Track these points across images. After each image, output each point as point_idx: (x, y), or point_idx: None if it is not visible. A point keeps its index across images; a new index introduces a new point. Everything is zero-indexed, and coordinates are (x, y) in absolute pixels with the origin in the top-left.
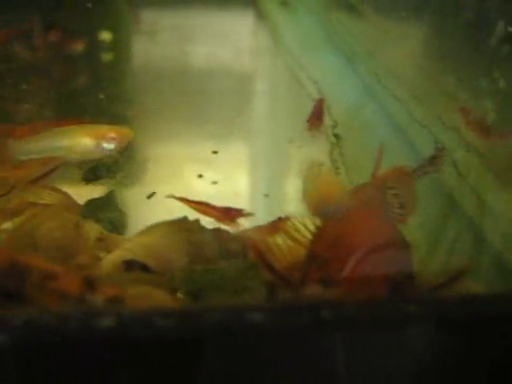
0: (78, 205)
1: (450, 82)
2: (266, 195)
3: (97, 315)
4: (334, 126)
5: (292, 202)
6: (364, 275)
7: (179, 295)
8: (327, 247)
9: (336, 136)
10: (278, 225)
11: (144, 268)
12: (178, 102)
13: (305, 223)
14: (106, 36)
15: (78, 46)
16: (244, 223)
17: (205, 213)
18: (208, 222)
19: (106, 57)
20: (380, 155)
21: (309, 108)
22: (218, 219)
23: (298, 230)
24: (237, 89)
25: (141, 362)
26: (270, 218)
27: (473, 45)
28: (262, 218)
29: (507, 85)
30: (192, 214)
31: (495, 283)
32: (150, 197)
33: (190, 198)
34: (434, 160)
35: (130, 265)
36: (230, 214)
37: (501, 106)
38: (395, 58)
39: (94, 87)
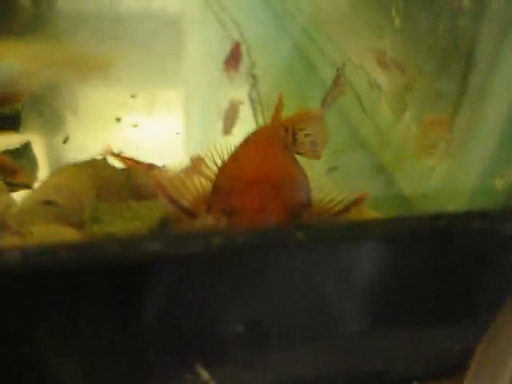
0: None
1: (363, 24)
2: (178, 133)
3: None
4: (252, 67)
5: (207, 139)
6: (264, 205)
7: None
8: (229, 180)
9: (253, 76)
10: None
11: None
12: (99, 45)
13: (214, 160)
14: None
15: None
16: None
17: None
18: None
19: None
20: (280, 102)
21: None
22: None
23: (207, 167)
24: (157, 31)
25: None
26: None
27: None
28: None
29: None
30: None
31: (393, 210)
32: (64, 142)
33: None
34: (337, 81)
35: (48, 204)
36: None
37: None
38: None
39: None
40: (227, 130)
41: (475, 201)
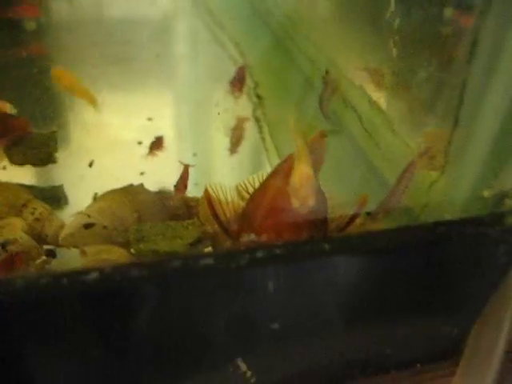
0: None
1: (359, 43)
2: (195, 154)
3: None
4: (256, 87)
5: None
6: (280, 232)
7: (132, 250)
8: (252, 208)
9: (258, 96)
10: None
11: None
12: (103, 69)
13: (253, 183)
14: None
15: None
16: None
17: None
18: None
19: None
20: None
21: (231, 69)
22: None
23: (246, 189)
24: (159, 52)
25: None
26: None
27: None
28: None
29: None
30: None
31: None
32: (90, 165)
33: None
34: (325, 83)
35: (89, 226)
36: None
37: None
38: (310, 19)
39: None
40: (234, 149)
41: (467, 209)
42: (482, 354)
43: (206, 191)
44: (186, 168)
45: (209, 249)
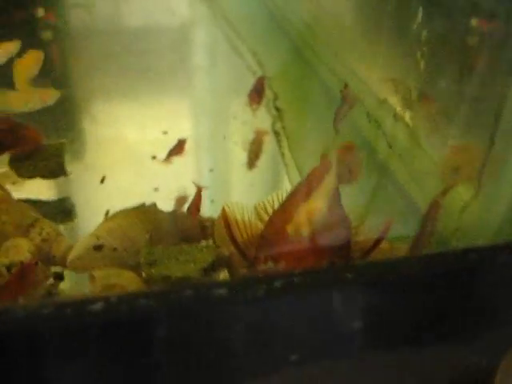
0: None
1: (381, 54)
2: (211, 170)
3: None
4: (275, 99)
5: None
6: (309, 251)
7: (143, 274)
8: (271, 231)
9: (277, 109)
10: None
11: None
12: (120, 81)
13: (272, 204)
14: None
15: None
16: None
17: None
18: None
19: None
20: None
21: (250, 80)
22: None
23: (264, 210)
24: (177, 63)
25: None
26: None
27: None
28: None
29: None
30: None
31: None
32: (102, 181)
33: None
34: (343, 98)
35: (98, 248)
36: None
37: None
38: (330, 30)
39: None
40: (252, 163)
41: (501, 233)
42: None
43: (224, 211)
44: (199, 191)
45: (224, 273)
